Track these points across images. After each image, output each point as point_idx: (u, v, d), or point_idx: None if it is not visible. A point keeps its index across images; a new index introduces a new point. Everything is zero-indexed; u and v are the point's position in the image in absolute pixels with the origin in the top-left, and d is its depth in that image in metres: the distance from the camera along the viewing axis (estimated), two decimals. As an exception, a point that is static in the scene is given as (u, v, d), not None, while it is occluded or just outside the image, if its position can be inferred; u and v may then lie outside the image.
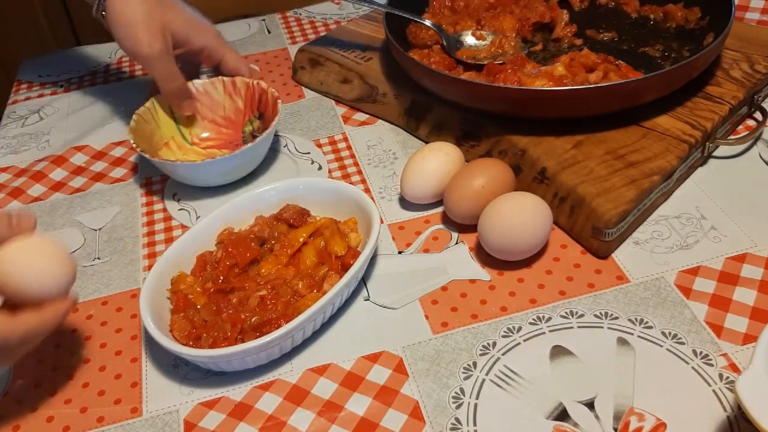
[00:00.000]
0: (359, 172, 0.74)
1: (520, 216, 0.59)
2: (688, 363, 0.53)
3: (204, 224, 0.62)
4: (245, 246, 0.60)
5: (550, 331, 0.56)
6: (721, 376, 0.51)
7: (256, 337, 0.52)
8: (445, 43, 0.78)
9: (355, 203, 0.63)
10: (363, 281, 0.62)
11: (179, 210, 0.72)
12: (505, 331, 0.56)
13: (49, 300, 0.49)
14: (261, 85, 0.76)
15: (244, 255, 0.59)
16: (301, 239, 0.61)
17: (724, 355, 0.53)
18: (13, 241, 0.49)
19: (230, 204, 0.64)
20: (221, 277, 0.58)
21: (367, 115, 0.82)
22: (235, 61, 0.77)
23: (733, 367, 0.52)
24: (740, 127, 0.74)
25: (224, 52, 0.76)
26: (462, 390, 0.52)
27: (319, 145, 0.78)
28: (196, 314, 0.55)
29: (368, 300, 0.60)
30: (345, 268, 0.58)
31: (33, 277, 0.48)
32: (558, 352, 0.54)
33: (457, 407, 0.51)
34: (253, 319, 0.54)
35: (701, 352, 0.53)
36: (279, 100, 0.74)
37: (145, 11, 0.69)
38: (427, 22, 0.79)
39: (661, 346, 0.54)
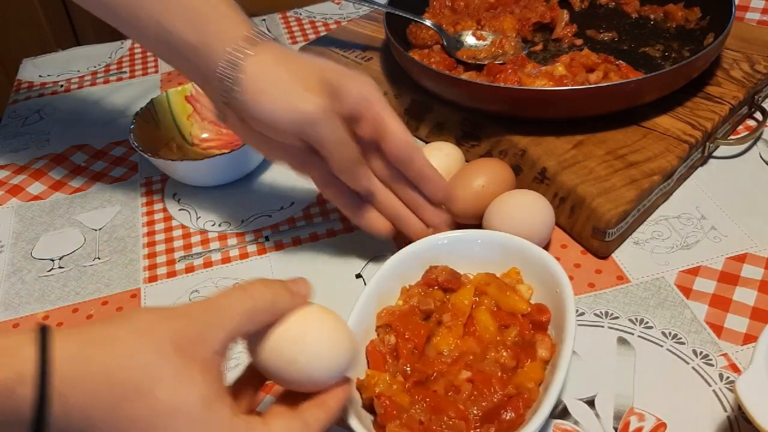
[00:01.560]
0: (359, 172, 0.74)
1: (528, 213, 0.59)
2: (688, 363, 0.52)
3: (359, 310, 0.52)
4: (415, 324, 0.52)
5: (551, 330, 0.56)
6: (721, 376, 0.51)
7: (500, 428, 0.45)
8: (445, 43, 0.78)
9: (513, 250, 0.56)
10: (363, 282, 0.62)
11: (179, 210, 0.72)
12: (505, 331, 0.56)
13: (329, 386, 0.42)
14: None
15: (420, 334, 0.51)
16: (466, 302, 0.53)
17: (725, 355, 0.53)
18: (291, 315, 0.41)
19: (375, 279, 0.54)
20: (408, 366, 0.50)
21: (368, 115, 0.82)
22: (403, 132, 0.56)
23: (734, 368, 0.52)
24: (740, 127, 0.74)
25: (383, 112, 0.55)
26: (462, 390, 0.52)
27: (320, 145, 0.78)
28: (410, 418, 0.46)
29: (369, 300, 0.60)
30: (537, 326, 0.52)
31: (319, 359, 0.41)
32: (559, 351, 0.54)
33: (458, 407, 0.51)
34: (475, 410, 0.47)
35: (701, 352, 0.53)
36: None
37: (292, 68, 0.53)
38: (428, 22, 0.79)
39: (662, 346, 0.54)
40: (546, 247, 0.62)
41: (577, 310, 0.56)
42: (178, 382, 0.36)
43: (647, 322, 0.56)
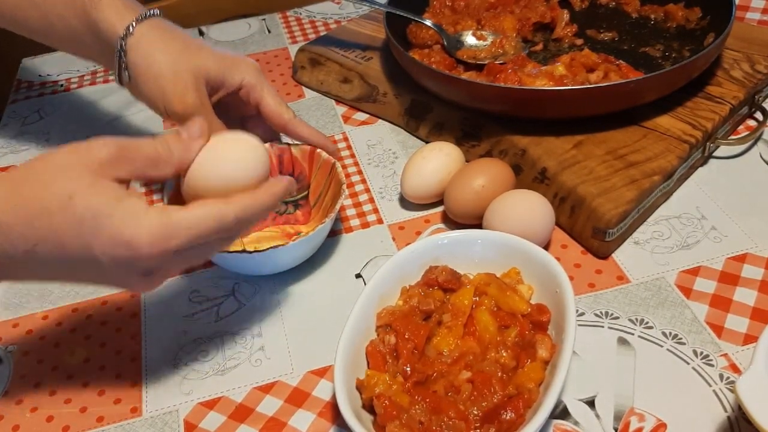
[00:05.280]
0: (359, 172, 0.74)
1: (528, 213, 0.59)
2: (688, 363, 0.52)
3: (359, 310, 0.52)
4: (415, 324, 0.52)
5: (551, 331, 0.56)
6: (721, 376, 0.51)
7: (500, 429, 0.45)
8: (445, 43, 0.78)
9: (513, 250, 0.56)
10: (363, 282, 0.61)
11: (179, 210, 0.72)
12: (505, 331, 0.56)
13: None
14: (278, 145, 0.67)
15: (420, 334, 0.51)
16: (466, 302, 0.53)
17: (725, 355, 0.53)
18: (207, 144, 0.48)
19: (375, 279, 0.54)
20: (408, 367, 0.49)
21: (368, 115, 0.82)
22: (276, 105, 0.65)
23: (734, 368, 0.52)
24: (741, 127, 0.74)
25: (263, 92, 0.64)
26: (462, 390, 0.52)
27: (320, 145, 0.78)
28: (410, 418, 0.46)
29: (368, 300, 0.60)
30: (537, 326, 0.52)
31: (236, 160, 0.48)
32: (559, 352, 0.54)
33: (458, 407, 0.51)
34: (475, 410, 0.47)
35: (702, 353, 0.53)
36: (333, 163, 0.65)
37: (170, 62, 0.60)
38: (428, 22, 0.79)
39: (662, 346, 0.54)
40: (546, 247, 0.62)
41: (577, 310, 0.56)
42: (90, 192, 0.43)
43: (647, 323, 0.56)
